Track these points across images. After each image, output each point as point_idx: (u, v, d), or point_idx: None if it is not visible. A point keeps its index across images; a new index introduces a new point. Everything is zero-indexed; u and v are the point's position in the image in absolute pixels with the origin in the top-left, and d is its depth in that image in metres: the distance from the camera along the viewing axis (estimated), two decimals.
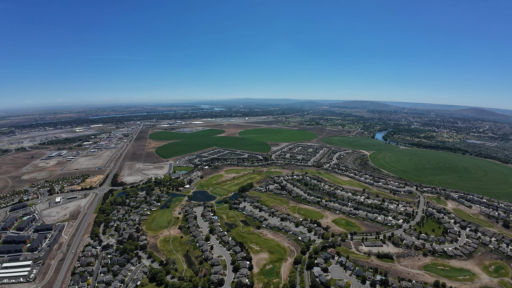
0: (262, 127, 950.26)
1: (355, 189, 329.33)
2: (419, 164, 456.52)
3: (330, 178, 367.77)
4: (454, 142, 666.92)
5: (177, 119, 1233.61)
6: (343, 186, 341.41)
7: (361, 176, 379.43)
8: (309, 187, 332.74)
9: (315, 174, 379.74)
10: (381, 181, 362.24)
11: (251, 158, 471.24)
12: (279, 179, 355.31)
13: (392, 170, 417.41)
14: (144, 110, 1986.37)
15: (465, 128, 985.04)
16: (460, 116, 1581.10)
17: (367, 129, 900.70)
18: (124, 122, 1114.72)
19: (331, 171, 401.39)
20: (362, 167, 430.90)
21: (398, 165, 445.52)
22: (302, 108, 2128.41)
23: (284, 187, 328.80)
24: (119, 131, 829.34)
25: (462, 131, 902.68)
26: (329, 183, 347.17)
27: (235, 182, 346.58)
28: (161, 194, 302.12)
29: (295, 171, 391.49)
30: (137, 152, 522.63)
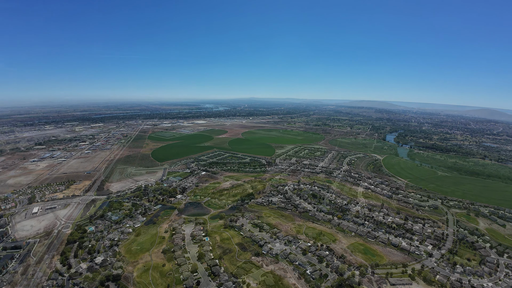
0: (266, 127, 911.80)
1: (372, 204, 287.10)
2: (438, 170, 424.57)
3: (342, 189, 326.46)
4: (470, 146, 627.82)
5: (180, 119, 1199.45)
6: (358, 199, 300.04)
7: (377, 187, 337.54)
8: (318, 200, 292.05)
9: (324, 183, 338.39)
10: (401, 192, 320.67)
11: (253, 162, 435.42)
12: (283, 189, 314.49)
13: (409, 177, 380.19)
14: (148, 109, 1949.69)
15: (479, 130, 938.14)
16: (471, 117, 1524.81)
17: (377, 130, 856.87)
18: (126, 122, 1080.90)
19: (343, 179, 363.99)
20: (376, 173, 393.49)
21: (415, 172, 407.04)
22: (308, 109, 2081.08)
23: (290, 199, 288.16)
24: (119, 131, 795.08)
25: (476, 134, 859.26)
26: (342, 195, 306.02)
27: (233, 192, 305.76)
28: (149, 206, 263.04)
29: (301, 179, 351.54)
30: (132, 155, 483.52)
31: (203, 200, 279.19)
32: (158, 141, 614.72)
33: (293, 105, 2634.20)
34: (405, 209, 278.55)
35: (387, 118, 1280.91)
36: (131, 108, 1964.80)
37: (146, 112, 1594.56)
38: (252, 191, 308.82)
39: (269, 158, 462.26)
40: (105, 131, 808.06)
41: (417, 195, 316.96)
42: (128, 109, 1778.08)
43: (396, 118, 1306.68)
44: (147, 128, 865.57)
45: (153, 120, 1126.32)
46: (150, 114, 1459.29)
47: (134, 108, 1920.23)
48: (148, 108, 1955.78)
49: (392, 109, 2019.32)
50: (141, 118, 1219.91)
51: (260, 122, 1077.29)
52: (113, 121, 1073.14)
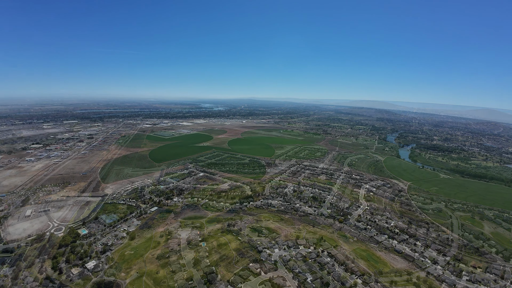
0: (266, 127, 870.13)
1: (375, 207, 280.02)
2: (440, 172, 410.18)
3: (343, 191, 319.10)
4: (472, 147, 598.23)
5: (179, 118, 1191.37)
6: (359, 201, 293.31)
7: (379, 189, 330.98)
8: (319, 202, 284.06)
9: (325, 185, 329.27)
10: (403, 195, 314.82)
11: (252, 163, 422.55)
12: (283, 191, 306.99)
13: (412, 179, 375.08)
14: (148, 108, 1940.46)
15: (479, 131, 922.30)
16: (471, 118, 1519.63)
17: (378, 131, 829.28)
18: (125, 121, 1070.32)
19: (344, 180, 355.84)
20: (377, 175, 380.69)
21: (418, 174, 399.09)
22: (308, 110, 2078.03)
23: (290, 202, 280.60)
24: (117, 130, 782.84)
25: (477, 134, 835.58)
26: (343, 198, 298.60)
27: (232, 194, 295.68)
28: (144, 208, 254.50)
29: (302, 181, 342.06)
30: (129, 155, 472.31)
31: (201, 203, 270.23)
32: (157, 141, 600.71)
33: (293, 106, 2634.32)
34: (408, 213, 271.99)
35: (388, 119, 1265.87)
36: (132, 106, 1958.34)
37: (146, 111, 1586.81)
38: (251, 193, 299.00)
39: (269, 159, 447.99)
40: (103, 130, 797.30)
41: (420, 197, 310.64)
42: (128, 108, 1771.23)
43: (397, 119, 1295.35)
44: (146, 127, 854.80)
45: (153, 120, 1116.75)
46: (150, 113, 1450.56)
47: (134, 107, 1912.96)
48: (148, 107, 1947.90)
49: (392, 109, 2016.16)
50: (141, 117, 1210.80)
51: (260, 122, 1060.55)
52: (112, 120, 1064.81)
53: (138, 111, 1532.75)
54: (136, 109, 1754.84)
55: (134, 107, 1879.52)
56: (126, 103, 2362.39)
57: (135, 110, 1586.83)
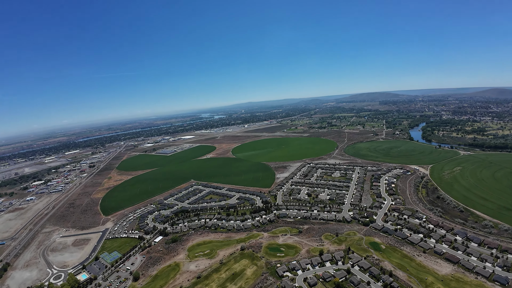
0: (263, 136, 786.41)
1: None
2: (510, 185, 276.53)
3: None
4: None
5: (168, 134, 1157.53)
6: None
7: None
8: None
9: (367, 248, 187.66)
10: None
11: (242, 205, 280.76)
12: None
13: (486, 208, 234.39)
14: (140, 126, 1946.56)
15: (507, 113, 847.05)
16: (483, 99, 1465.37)
17: (393, 126, 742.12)
18: (107, 144, 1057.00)
19: (396, 236, 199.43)
20: (436, 205, 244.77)
21: (488, 194, 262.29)
22: (308, 107, 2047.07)
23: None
24: (90, 159, 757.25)
25: (506, 117, 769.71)
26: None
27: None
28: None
29: (324, 240, 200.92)
30: (76, 202, 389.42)
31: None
32: (125, 173, 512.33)
33: (291, 105, 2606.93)
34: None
35: (397, 110, 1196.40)
36: (133, 127, 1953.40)
37: (147, 129, 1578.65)
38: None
39: (267, 193, 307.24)
40: (105, 156, 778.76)
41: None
42: (129, 129, 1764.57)
43: (407, 109, 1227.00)
44: (125, 151, 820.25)
45: (137, 140, 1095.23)
46: (151, 131, 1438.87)
47: (135, 127, 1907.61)
48: (150, 125, 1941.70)
49: (396, 99, 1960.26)
50: (142, 136, 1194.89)
51: (257, 130, 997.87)
52: (114, 144, 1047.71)
53: (139, 131, 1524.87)
54: (138, 128, 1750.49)
55: (136, 127, 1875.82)
56: (127, 124, 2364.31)
57: (136, 130, 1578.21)
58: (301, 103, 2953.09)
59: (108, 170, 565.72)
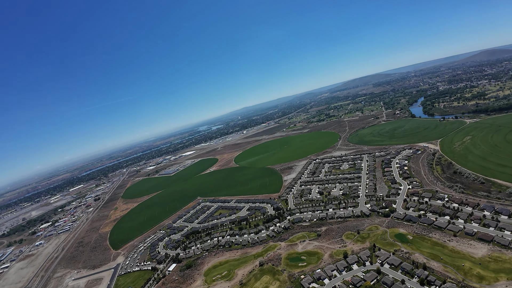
0: (264, 140, 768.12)
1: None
2: None
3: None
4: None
5: (169, 154, 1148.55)
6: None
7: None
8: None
9: (393, 242, 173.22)
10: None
11: (253, 215, 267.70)
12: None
13: (507, 175, 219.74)
14: (140, 149, 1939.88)
15: (503, 73, 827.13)
16: (475, 63, 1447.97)
17: (392, 106, 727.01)
18: (109, 174, 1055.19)
19: (422, 220, 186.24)
20: (451, 180, 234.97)
21: (505, 159, 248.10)
22: (303, 102, 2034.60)
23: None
24: (95, 192, 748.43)
25: (503, 78, 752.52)
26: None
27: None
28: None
29: (346, 240, 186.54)
30: (85, 240, 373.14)
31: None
32: (131, 201, 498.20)
33: (286, 103, 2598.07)
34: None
35: (392, 90, 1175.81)
36: (133, 152, 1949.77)
37: (148, 152, 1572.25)
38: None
39: (277, 199, 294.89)
40: (109, 187, 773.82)
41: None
42: (130, 155, 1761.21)
43: (402, 86, 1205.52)
44: (128, 178, 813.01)
45: (139, 164, 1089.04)
46: (138, 156, 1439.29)
47: (136, 152, 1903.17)
48: (150, 147, 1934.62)
49: (389, 79, 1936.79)
50: (144, 160, 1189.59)
51: (256, 134, 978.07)
52: (117, 173, 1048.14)
53: (140, 155, 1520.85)
54: (138, 152, 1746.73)
55: (136, 152, 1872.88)
56: (128, 150, 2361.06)
57: (137, 155, 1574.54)
58: (295, 99, 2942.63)
59: (114, 201, 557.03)
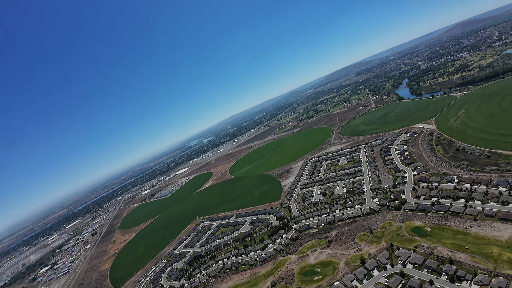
0: (256, 145, 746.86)
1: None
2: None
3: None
4: (502, 60, 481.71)
5: (163, 174, 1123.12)
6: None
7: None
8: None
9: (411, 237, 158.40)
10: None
11: (257, 229, 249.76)
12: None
13: (511, 144, 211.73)
14: (134, 174, 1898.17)
15: (480, 43, 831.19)
16: (451, 37, 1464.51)
17: (378, 92, 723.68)
18: (105, 205, 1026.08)
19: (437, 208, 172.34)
20: (456, 158, 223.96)
21: (505, 128, 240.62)
22: (289, 102, 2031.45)
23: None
24: (91, 226, 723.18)
25: (482, 47, 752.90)
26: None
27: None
28: None
29: (360, 243, 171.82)
30: (85, 281, 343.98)
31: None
32: (128, 231, 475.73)
33: (273, 105, 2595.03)
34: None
35: (375, 76, 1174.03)
36: (128, 177, 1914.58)
37: (142, 175, 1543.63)
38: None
39: (279, 207, 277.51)
40: (106, 218, 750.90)
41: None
42: (124, 181, 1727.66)
43: (384, 71, 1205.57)
44: (124, 206, 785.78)
45: (134, 190, 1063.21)
46: (132, 182, 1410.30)
47: (130, 176, 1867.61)
48: (143, 170, 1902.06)
49: (369, 66, 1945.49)
50: (138, 185, 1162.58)
51: (248, 140, 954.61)
52: (112, 202, 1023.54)
53: (134, 179, 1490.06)
54: (132, 177, 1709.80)
55: (130, 177, 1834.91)
56: (122, 176, 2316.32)
57: (131, 180, 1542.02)
58: (281, 100, 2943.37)
59: (111, 233, 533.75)
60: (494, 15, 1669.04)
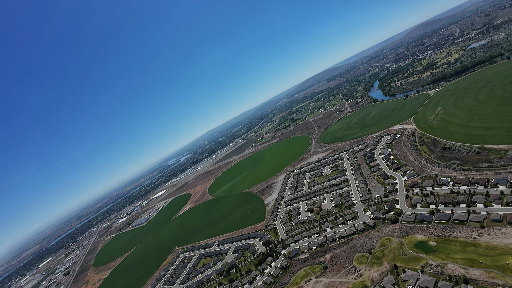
0: (235, 160, 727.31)
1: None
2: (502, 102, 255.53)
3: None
4: (469, 55, 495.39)
5: (140, 199, 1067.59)
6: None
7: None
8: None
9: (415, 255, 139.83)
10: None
11: (242, 258, 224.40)
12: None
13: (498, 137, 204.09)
14: (110, 200, 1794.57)
15: (444, 41, 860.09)
16: (414, 38, 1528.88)
17: (352, 96, 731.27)
18: (78, 238, 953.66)
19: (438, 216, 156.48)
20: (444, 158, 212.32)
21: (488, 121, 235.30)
22: (265, 113, 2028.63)
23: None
24: (65, 264, 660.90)
25: (445, 44, 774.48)
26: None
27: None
28: None
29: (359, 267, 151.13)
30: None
31: None
32: (103, 268, 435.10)
33: (249, 117, 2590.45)
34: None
35: (346, 80, 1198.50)
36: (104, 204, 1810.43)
37: (118, 201, 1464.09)
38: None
39: (264, 229, 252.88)
40: (79, 254, 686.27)
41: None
42: (89, 213, 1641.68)
43: (354, 75, 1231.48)
44: (98, 240, 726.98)
45: (109, 218, 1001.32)
46: (108, 209, 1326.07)
47: (106, 203, 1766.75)
48: (119, 195, 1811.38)
49: (339, 71, 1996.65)
50: (98, 220, 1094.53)
51: (226, 155, 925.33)
52: (87, 234, 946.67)
53: (111, 206, 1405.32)
54: (109, 204, 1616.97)
55: (106, 203, 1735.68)
56: (97, 204, 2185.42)
57: (108, 207, 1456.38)
58: (257, 111, 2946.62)
59: (85, 272, 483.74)
60: (453, 13, 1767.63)
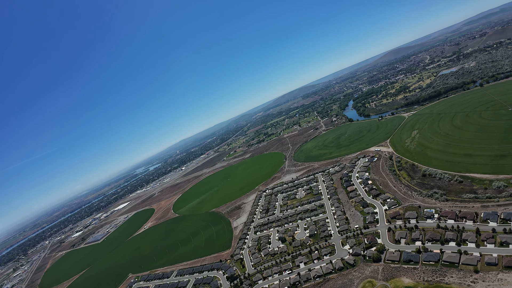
0: (204, 174, 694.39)
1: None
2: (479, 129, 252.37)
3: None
4: (441, 80, 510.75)
5: (100, 210, 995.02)
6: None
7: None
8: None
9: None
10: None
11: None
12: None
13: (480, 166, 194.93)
14: (69, 209, 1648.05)
15: (415, 66, 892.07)
16: (386, 62, 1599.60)
17: (327, 114, 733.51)
18: (29, 251, 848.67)
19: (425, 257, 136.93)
20: (425, 186, 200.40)
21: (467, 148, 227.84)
22: (240, 126, 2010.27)
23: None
24: (11, 281, 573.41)
25: (416, 69, 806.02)
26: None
27: None
28: None
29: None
30: None
31: None
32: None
33: (223, 129, 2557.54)
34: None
35: (321, 98, 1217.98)
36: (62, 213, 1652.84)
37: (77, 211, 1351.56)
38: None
39: (230, 259, 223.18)
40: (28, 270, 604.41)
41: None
42: (44, 222, 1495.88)
43: (329, 94, 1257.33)
44: (48, 256, 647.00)
45: (64, 231, 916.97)
46: (65, 219, 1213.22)
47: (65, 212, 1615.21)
48: (80, 204, 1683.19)
49: (314, 89, 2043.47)
50: (52, 232, 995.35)
51: (196, 168, 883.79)
52: (38, 248, 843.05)
53: (68, 217, 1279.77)
54: (67, 213, 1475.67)
55: (64, 213, 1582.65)
56: (55, 213, 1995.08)
57: (65, 217, 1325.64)
58: (231, 123, 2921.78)
59: None
60: (423, 42, 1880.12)
